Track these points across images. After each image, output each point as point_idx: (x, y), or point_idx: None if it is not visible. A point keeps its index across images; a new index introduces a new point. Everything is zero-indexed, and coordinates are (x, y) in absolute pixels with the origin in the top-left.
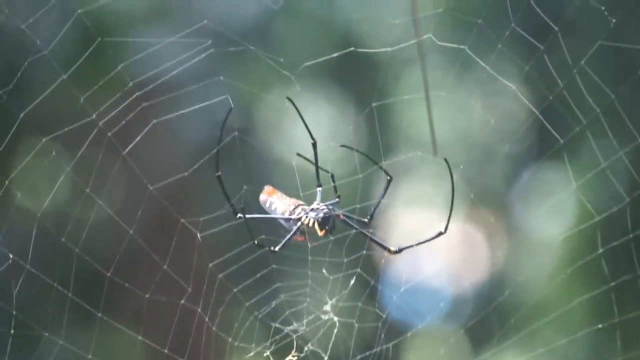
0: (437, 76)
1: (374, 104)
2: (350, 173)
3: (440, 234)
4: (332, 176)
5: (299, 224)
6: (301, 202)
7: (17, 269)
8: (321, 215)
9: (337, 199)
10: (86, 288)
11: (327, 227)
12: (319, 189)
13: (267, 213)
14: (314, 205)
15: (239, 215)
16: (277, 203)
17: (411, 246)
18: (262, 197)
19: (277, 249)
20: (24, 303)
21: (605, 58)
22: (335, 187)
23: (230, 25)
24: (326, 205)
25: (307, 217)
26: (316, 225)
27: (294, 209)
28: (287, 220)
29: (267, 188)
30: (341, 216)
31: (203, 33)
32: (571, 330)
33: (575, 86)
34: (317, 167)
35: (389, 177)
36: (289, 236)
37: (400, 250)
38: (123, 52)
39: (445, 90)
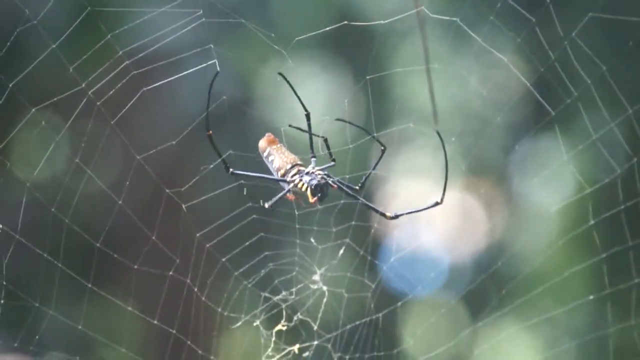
0: (431, 49)
1: (368, 77)
2: (342, 144)
3: (436, 203)
4: (326, 140)
5: (291, 185)
6: (299, 162)
7: (6, 239)
8: (315, 182)
9: (332, 163)
10: (76, 259)
11: (318, 195)
12: (313, 158)
13: (263, 162)
14: (310, 169)
15: (231, 170)
16: (276, 156)
17: (407, 213)
18: (262, 144)
19: (268, 205)
20: (14, 273)
21: (597, 30)
22: (330, 152)
23: None
24: (322, 172)
25: (301, 180)
26: (309, 191)
27: (290, 168)
28: (280, 176)
29: (269, 136)
30: (335, 186)
31: (194, 3)
32: (565, 300)
33: (566, 58)
34: (311, 137)
35: (382, 147)
36: (281, 194)
37: (396, 216)
38: (113, 22)
39: (438, 62)
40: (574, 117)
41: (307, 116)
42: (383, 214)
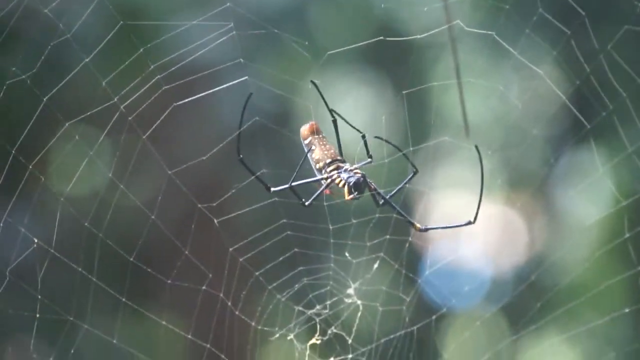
0: (465, 62)
1: (404, 92)
2: (379, 159)
3: (469, 222)
4: (364, 137)
5: (329, 180)
6: (338, 157)
7: (41, 253)
8: (352, 180)
9: (369, 160)
10: (110, 273)
11: (355, 193)
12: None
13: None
14: (348, 166)
15: (272, 189)
16: (317, 147)
17: (438, 228)
18: (304, 131)
19: (308, 203)
20: (49, 287)
21: (632, 42)
22: (367, 149)
23: (253, 9)
24: (360, 171)
25: (339, 177)
26: (345, 188)
27: (329, 162)
28: (319, 171)
29: (312, 124)
30: (372, 186)
31: (225, 16)
32: (605, 311)
33: (602, 70)
34: (339, 142)
35: (414, 170)
36: (319, 190)
37: (426, 229)
38: (145, 36)
39: (473, 76)
40: (609, 130)
41: (334, 122)
42: (413, 224)
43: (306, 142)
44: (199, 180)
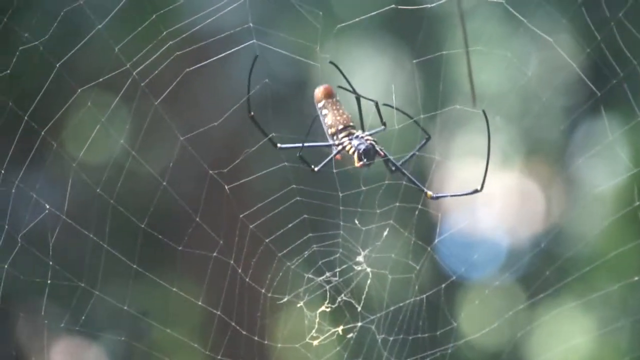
0: (477, 31)
1: (414, 61)
2: (389, 126)
3: (475, 191)
4: (377, 104)
5: (340, 147)
6: (351, 123)
7: (53, 220)
8: (362, 147)
9: (382, 127)
10: (121, 240)
11: (364, 161)
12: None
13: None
14: (360, 133)
15: (278, 145)
16: (330, 112)
17: (446, 196)
18: (318, 94)
19: (317, 169)
20: (60, 253)
21: None
22: (380, 116)
23: None
24: (371, 138)
25: (350, 143)
26: (355, 155)
27: (342, 129)
28: (330, 137)
29: (327, 87)
30: (382, 154)
31: None
32: (619, 278)
33: (612, 39)
34: (362, 117)
35: (427, 136)
36: (329, 157)
37: (436, 197)
38: (157, 2)
39: (483, 44)
40: (619, 98)
41: (358, 99)
42: (425, 191)
43: (320, 105)
44: (210, 146)
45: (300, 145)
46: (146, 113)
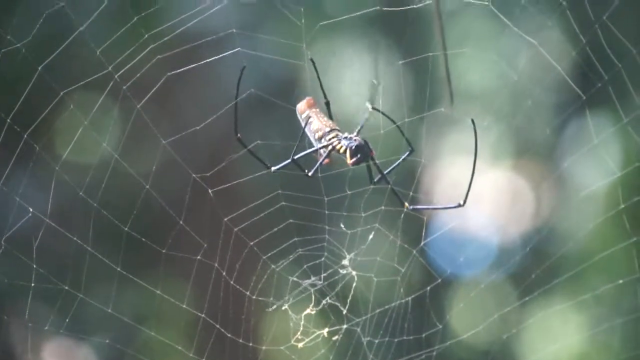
0: (462, 32)
1: (400, 62)
2: (375, 130)
3: (459, 205)
4: (374, 109)
5: (330, 147)
6: (337, 127)
7: (36, 223)
8: (354, 144)
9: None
10: (105, 243)
11: (357, 157)
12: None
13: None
14: (348, 135)
15: (272, 169)
16: (314, 119)
17: (425, 208)
18: (301, 107)
19: (311, 173)
20: (44, 256)
21: (627, 13)
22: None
23: None
24: (362, 138)
25: (339, 142)
26: (347, 153)
27: (328, 132)
28: (318, 140)
29: (309, 100)
30: (373, 152)
31: None
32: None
33: (597, 41)
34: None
35: (410, 148)
36: (320, 160)
37: (413, 209)
38: (139, 4)
39: (470, 45)
40: (604, 101)
41: (327, 104)
42: (403, 203)
43: (303, 115)
44: (193, 150)
45: (289, 160)
46: (129, 116)
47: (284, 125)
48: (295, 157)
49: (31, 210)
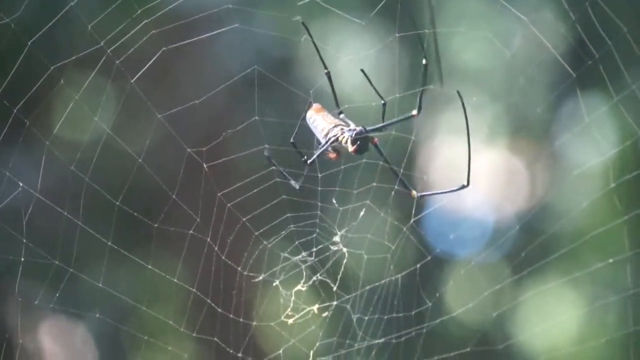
0: (458, 10)
1: (397, 35)
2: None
3: (463, 186)
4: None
5: (333, 139)
6: (342, 123)
7: (26, 197)
8: (355, 131)
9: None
10: (95, 217)
11: (358, 144)
12: (341, 114)
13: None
14: (352, 127)
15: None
16: (320, 120)
17: (432, 194)
18: (310, 112)
19: (309, 162)
20: (34, 231)
21: None
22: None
23: None
24: (363, 127)
25: (342, 133)
26: (349, 141)
27: (333, 127)
28: (325, 137)
29: (316, 105)
30: (375, 140)
31: None
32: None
33: (588, 19)
34: (335, 93)
35: (383, 101)
36: (321, 149)
37: (421, 196)
38: None
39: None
40: (595, 79)
41: (328, 75)
42: (409, 191)
43: (311, 120)
44: (189, 125)
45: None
46: (122, 91)
47: (289, 104)
48: (309, 160)
49: (21, 184)
